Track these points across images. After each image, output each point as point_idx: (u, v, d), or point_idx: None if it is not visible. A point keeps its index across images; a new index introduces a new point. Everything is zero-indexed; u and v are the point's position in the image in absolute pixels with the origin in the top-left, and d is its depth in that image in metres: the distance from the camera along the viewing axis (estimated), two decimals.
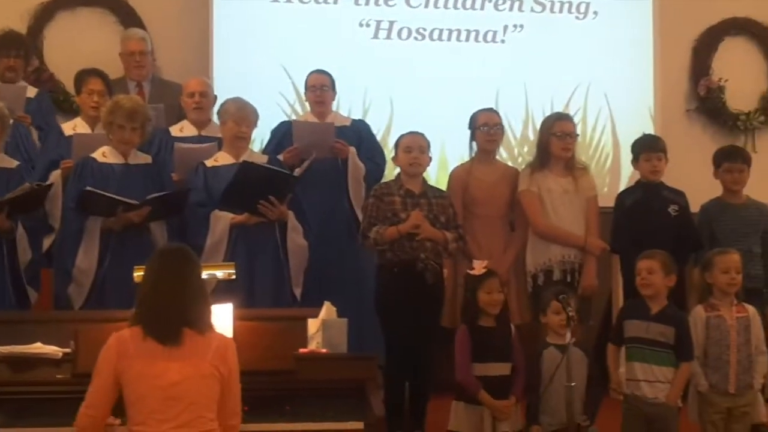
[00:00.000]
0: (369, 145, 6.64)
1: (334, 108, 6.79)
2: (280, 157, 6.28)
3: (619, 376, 5.18)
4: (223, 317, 4.50)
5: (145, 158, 5.92)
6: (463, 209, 6.09)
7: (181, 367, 3.68)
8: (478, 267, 5.32)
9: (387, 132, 7.26)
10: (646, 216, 6.10)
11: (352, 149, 6.42)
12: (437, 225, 5.72)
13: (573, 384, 4.72)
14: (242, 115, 5.97)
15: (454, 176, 6.32)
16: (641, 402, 5.08)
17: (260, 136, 6.88)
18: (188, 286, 3.78)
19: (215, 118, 6.36)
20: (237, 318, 4.63)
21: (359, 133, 6.65)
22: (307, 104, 6.85)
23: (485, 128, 6.23)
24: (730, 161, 6.40)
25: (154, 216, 5.67)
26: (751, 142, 8.17)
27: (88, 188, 5.57)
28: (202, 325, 3.77)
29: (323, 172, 6.38)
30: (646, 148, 6.27)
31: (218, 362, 3.74)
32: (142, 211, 5.60)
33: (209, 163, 5.94)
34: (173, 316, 3.73)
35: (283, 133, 6.58)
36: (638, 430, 5.10)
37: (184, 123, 6.51)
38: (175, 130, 6.46)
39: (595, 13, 7.94)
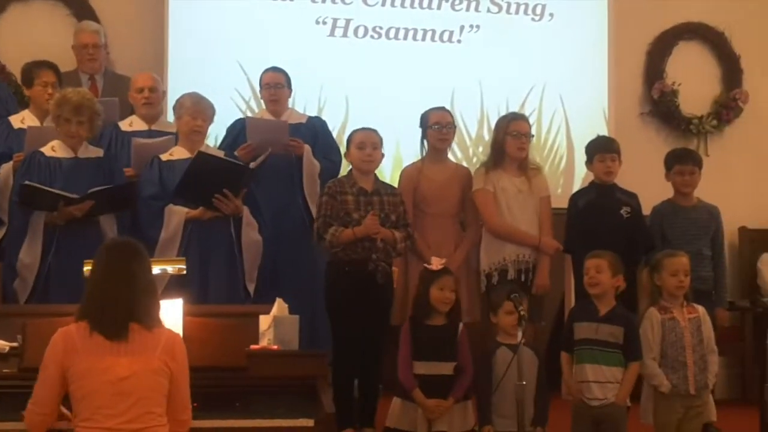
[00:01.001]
0: (324, 143, 6.62)
1: (290, 105, 6.77)
2: (236, 153, 6.25)
3: (572, 384, 5.20)
4: (172, 313, 4.46)
5: (96, 152, 5.88)
6: (414, 208, 6.10)
7: (129, 362, 3.65)
8: (436, 263, 5.33)
9: (342, 130, 7.22)
10: (599, 217, 6.13)
11: (307, 147, 6.39)
12: (388, 223, 5.72)
13: (524, 383, 4.72)
14: (198, 109, 5.93)
15: (405, 175, 6.33)
16: (590, 403, 5.10)
17: (215, 133, 6.85)
18: (136, 281, 3.74)
19: (170, 113, 6.31)
20: (187, 314, 4.59)
21: (315, 131, 6.63)
22: (262, 101, 6.82)
23: (437, 127, 6.24)
24: (682, 163, 6.46)
25: (100, 210, 5.63)
26: (703, 146, 8.23)
27: (27, 182, 5.55)
28: (150, 320, 3.73)
29: (278, 167, 6.36)
30: (600, 149, 6.30)
31: (167, 358, 3.71)
32: (84, 205, 5.56)
33: (164, 157, 5.90)
34: (120, 311, 3.69)
35: (238, 130, 6.55)
36: (587, 431, 5.12)
37: (133, 118, 6.46)
38: (124, 125, 6.40)
39: (551, 14, 7.97)
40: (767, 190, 8.27)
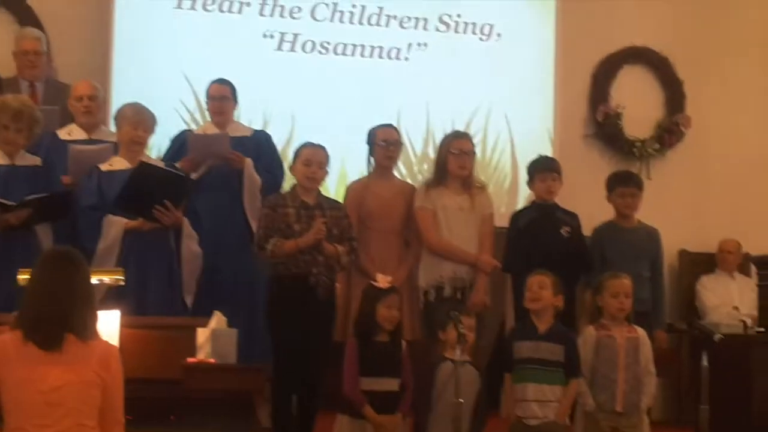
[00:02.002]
0: (268, 157, 6.57)
1: (235, 118, 6.74)
2: (178, 165, 6.21)
3: (511, 410, 5.20)
4: (109, 324, 4.42)
5: (34, 160, 5.81)
6: (359, 223, 6.09)
7: (62, 372, 3.59)
8: (383, 281, 5.31)
9: (288, 145, 7.20)
10: (539, 236, 6.17)
11: (249, 161, 6.34)
12: (331, 238, 5.70)
13: (461, 401, 4.73)
14: (139, 119, 5.87)
15: (350, 190, 6.33)
16: (529, 422, 5.11)
17: (158, 144, 6.81)
18: (73, 291, 3.68)
19: (112, 122, 6.26)
20: (125, 325, 4.55)
21: (258, 145, 6.58)
22: (207, 113, 6.78)
23: (384, 144, 6.25)
24: (623, 185, 6.53)
25: (37, 218, 5.55)
26: (645, 169, 8.31)
27: None
28: (86, 331, 3.66)
29: (220, 179, 6.32)
30: (541, 168, 6.35)
31: (101, 369, 3.65)
32: (21, 213, 5.46)
33: (104, 167, 5.84)
34: (55, 321, 3.63)
35: (181, 142, 6.51)
36: None
37: (72, 126, 6.38)
38: (63, 134, 6.32)
39: (499, 35, 8.02)
40: (707, 214, 8.37)
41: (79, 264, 3.78)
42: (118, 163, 5.86)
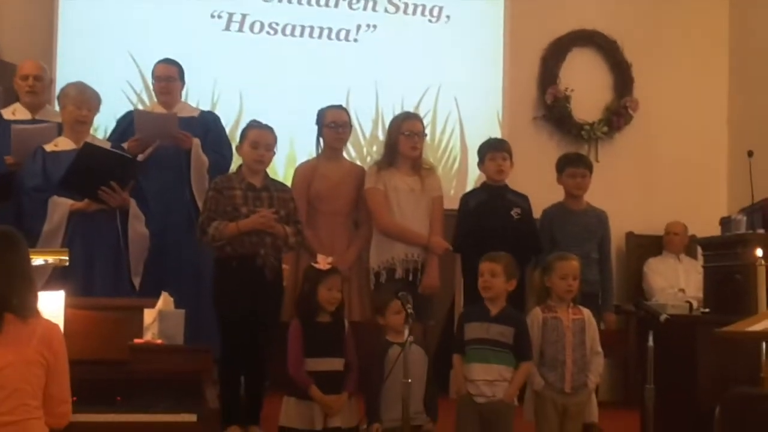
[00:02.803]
0: (215, 137, 6.53)
1: (183, 98, 6.68)
2: (125, 145, 6.15)
3: (462, 387, 5.21)
4: (54, 304, 4.37)
5: None
6: (308, 205, 6.08)
7: (3, 353, 3.53)
8: (323, 262, 5.30)
9: (236, 126, 7.15)
10: (489, 218, 6.17)
11: (196, 140, 6.30)
12: (277, 220, 5.66)
13: (409, 381, 4.73)
14: (82, 98, 5.80)
15: (298, 172, 6.30)
16: (477, 399, 5.13)
17: (104, 124, 6.73)
18: (10, 270, 3.62)
19: (56, 103, 6.18)
20: (70, 306, 4.50)
21: (206, 125, 6.54)
22: (154, 93, 6.72)
23: (333, 126, 6.22)
24: (573, 166, 6.56)
25: None
26: (594, 152, 8.36)
27: None
28: (25, 310, 3.61)
29: (167, 160, 6.27)
30: (492, 148, 6.35)
31: (43, 348, 3.60)
32: None
33: (48, 147, 5.76)
34: None
35: (128, 122, 6.44)
36: (473, 428, 5.15)
37: (17, 106, 6.31)
38: (7, 113, 6.26)
39: (448, 17, 8.04)
40: (655, 196, 8.45)
41: (16, 242, 3.72)
42: (63, 144, 5.79)
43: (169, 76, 6.49)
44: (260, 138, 5.73)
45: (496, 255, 5.34)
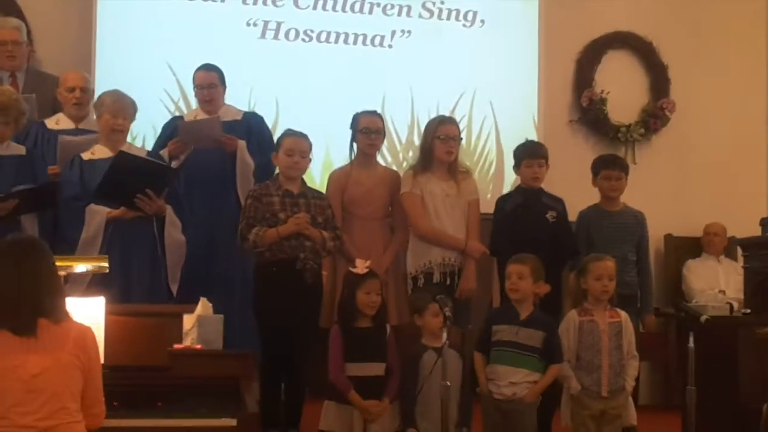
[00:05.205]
0: (259, 139, 6.48)
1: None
2: (166, 149, 6.20)
3: (484, 383, 5.21)
4: (95, 311, 4.43)
5: (19, 149, 5.80)
6: (343, 211, 6.08)
7: (40, 358, 3.59)
8: (361, 266, 5.32)
9: (273, 133, 7.14)
10: (525, 221, 6.12)
11: (242, 143, 6.30)
12: (315, 226, 5.68)
13: (448, 383, 4.73)
14: (119, 107, 5.83)
15: (333, 178, 6.30)
16: (499, 400, 5.12)
17: (142, 133, 6.79)
18: (41, 276, 3.69)
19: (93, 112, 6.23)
20: (110, 312, 4.55)
21: (249, 127, 6.53)
22: (193, 100, 6.75)
23: (366, 131, 6.22)
24: (609, 168, 6.51)
25: (24, 209, 5.54)
26: (630, 154, 8.33)
27: None
28: (58, 314, 3.68)
29: (213, 165, 6.30)
30: (528, 154, 6.30)
31: (78, 351, 3.66)
32: (8, 204, 5.46)
33: (86, 156, 5.81)
34: (26, 306, 3.63)
35: (173, 129, 6.46)
36: (497, 427, 5.16)
37: (60, 116, 6.34)
38: (50, 123, 6.29)
39: (482, 21, 8.04)
40: (693, 198, 8.40)
41: (41, 250, 3.80)
42: (100, 152, 5.83)
43: (210, 84, 6.47)
44: (295, 145, 5.77)
45: (523, 257, 5.34)
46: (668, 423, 6.07)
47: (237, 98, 7.12)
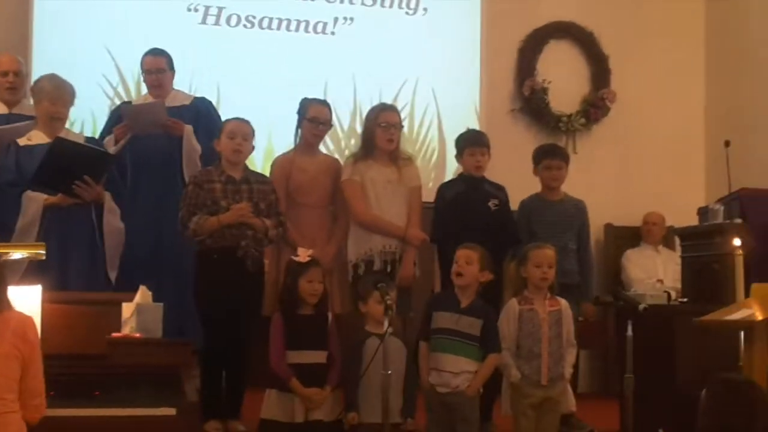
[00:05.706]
0: (207, 123, 6.39)
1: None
2: (110, 138, 6.13)
3: (428, 374, 5.21)
4: (31, 299, 4.36)
5: None
6: (287, 198, 6.04)
7: None
8: (303, 254, 5.33)
9: None
10: (467, 209, 6.13)
11: (188, 128, 6.23)
12: (258, 212, 5.65)
13: (389, 372, 4.72)
14: (58, 94, 5.77)
15: (277, 164, 6.26)
16: (439, 389, 5.12)
17: (80, 118, 6.70)
18: None
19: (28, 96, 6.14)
20: (47, 300, 4.50)
21: (198, 112, 6.46)
22: (132, 86, 6.66)
23: (314, 121, 6.18)
24: (550, 158, 6.53)
25: None
26: (571, 144, 8.38)
27: None
28: None
29: (158, 151, 6.22)
30: (470, 142, 6.31)
31: (17, 341, 3.59)
32: None
33: (22, 141, 5.73)
34: None
35: (119, 115, 6.38)
36: (440, 419, 5.16)
37: None
38: None
39: (425, 9, 8.04)
40: (632, 188, 8.46)
41: None
42: (37, 138, 5.76)
43: (159, 68, 6.38)
44: (237, 129, 5.74)
45: (472, 244, 5.34)
46: (607, 410, 6.11)
47: (178, 84, 7.02)
